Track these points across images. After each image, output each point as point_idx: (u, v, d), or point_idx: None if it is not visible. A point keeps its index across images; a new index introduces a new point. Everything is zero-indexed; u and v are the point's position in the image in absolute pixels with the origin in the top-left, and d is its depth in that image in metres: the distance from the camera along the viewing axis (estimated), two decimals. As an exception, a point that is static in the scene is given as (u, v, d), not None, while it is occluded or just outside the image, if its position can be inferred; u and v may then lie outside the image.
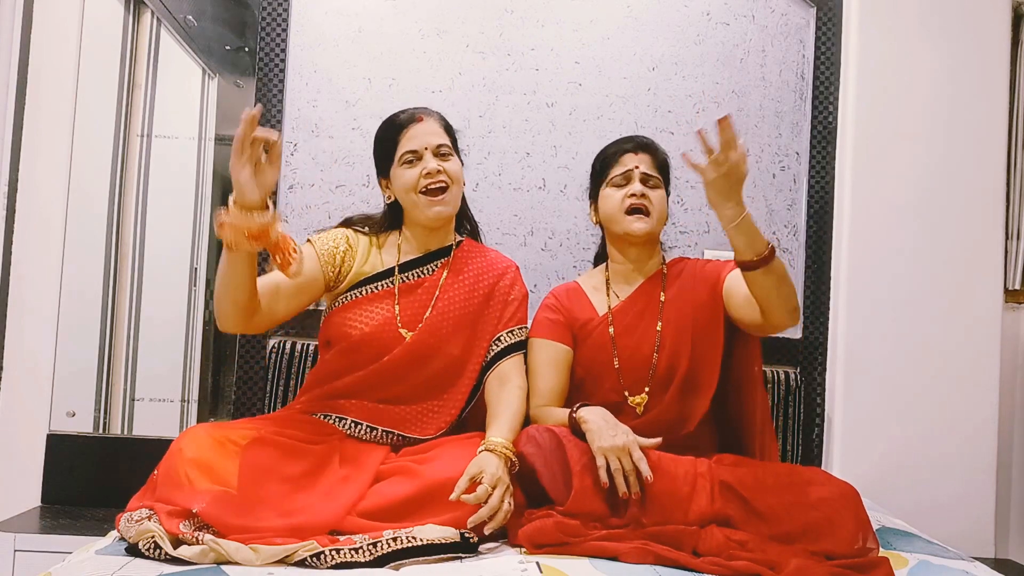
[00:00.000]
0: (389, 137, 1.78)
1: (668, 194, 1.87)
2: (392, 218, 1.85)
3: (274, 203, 1.53)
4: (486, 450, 1.56)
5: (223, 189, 2.35)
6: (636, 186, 1.80)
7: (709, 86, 2.37)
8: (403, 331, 1.74)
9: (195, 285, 2.38)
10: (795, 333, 2.35)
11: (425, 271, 1.81)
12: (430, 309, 1.76)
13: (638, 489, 1.52)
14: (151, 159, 2.36)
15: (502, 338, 1.80)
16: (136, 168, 2.35)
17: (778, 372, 2.27)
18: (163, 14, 2.38)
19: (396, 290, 1.77)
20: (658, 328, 1.80)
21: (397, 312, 1.75)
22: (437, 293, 1.78)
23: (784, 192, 2.38)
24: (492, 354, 1.78)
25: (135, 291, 2.37)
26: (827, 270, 2.34)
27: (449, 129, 1.82)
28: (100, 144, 2.32)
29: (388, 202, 1.83)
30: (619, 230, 1.83)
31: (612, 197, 1.82)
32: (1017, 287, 2.42)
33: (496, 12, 2.35)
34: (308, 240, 1.79)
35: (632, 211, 1.80)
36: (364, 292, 1.77)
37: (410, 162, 1.75)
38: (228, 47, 2.35)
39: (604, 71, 2.36)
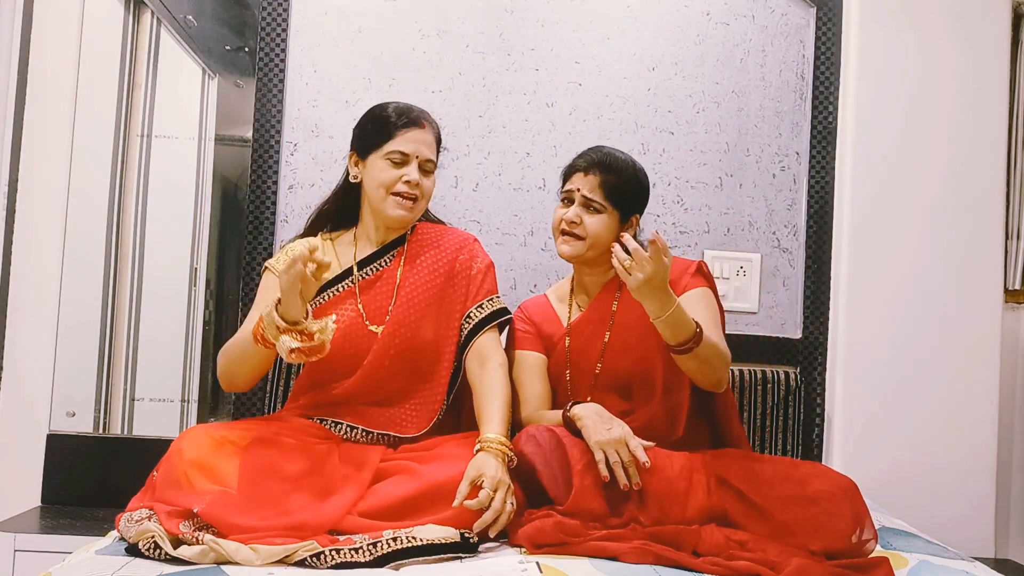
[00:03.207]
0: (385, 127, 1.75)
1: (626, 216, 1.79)
2: (346, 198, 1.84)
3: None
4: (482, 450, 1.56)
5: (223, 189, 2.35)
6: (571, 211, 1.78)
7: (709, 86, 2.37)
8: (371, 326, 1.75)
9: (195, 285, 2.37)
10: (795, 333, 2.35)
11: (382, 263, 1.80)
12: (393, 300, 1.76)
13: (638, 480, 1.52)
14: (151, 159, 2.36)
15: (472, 314, 1.79)
16: (136, 168, 2.35)
17: (778, 372, 2.27)
18: (163, 14, 2.38)
19: (357, 288, 1.77)
20: (605, 339, 1.80)
21: (361, 309, 1.76)
22: (397, 282, 1.78)
23: (784, 192, 2.38)
24: (465, 332, 1.78)
25: (135, 290, 2.37)
26: (827, 270, 2.34)
27: (439, 144, 1.83)
28: (100, 144, 2.31)
29: (353, 181, 1.80)
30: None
31: (555, 214, 1.83)
32: (1017, 287, 2.42)
33: (496, 12, 2.35)
34: (266, 267, 1.78)
35: (564, 233, 1.79)
36: (327, 297, 1.76)
37: (396, 162, 1.74)
38: (228, 47, 2.35)
39: (604, 71, 2.36)
